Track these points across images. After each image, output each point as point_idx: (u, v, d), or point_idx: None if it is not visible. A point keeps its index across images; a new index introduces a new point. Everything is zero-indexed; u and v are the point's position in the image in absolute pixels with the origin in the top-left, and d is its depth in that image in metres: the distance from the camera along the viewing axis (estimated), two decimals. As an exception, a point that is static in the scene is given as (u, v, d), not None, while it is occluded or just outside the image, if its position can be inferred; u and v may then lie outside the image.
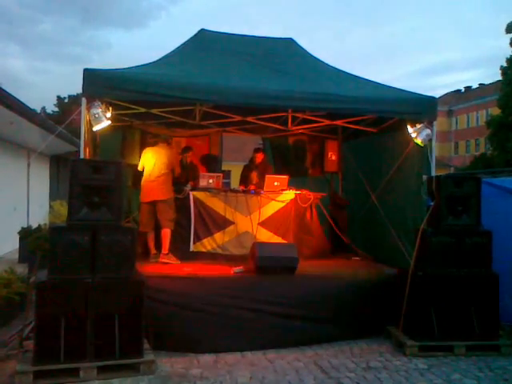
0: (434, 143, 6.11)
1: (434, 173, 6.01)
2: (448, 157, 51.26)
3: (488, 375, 4.65)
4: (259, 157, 8.20)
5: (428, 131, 5.98)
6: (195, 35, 7.06)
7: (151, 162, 6.78)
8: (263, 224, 7.36)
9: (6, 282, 5.89)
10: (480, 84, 54.79)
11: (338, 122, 7.72)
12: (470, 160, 38.53)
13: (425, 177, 5.99)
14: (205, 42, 6.86)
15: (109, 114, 5.52)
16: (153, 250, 6.71)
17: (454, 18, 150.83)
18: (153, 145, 7.13)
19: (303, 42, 7.54)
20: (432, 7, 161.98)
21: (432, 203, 5.66)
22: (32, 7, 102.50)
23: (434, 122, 6.06)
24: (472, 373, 4.69)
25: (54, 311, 4.25)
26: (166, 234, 6.62)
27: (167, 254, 6.56)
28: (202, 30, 7.15)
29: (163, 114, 7.26)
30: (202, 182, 7.25)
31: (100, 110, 5.30)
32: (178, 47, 6.78)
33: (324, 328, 5.50)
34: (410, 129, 6.14)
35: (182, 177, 7.28)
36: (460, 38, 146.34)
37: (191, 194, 7.11)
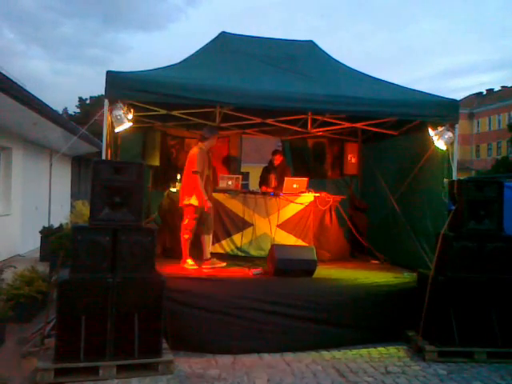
0: (456, 146, 6.04)
1: (455, 176, 5.95)
2: (469, 160, 50.62)
3: (510, 383, 4.56)
4: (278, 159, 8.21)
5: (450, 134, 5.92)
6: (216, 38, 7.10)
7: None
8: (282, 226, 7.37)
9: (28, 280, 5.98)
10: (502, 86, 54.02)
11: (358, 125, 7.68)
12: (492, 163, 37.97)
13: (446, 180, 5.93)
14: (225, 45, 6.89)
15: (130, 116, 5.59)
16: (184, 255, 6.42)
17: (476, 20, 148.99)
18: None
19: (323, 45, 7.55)
20: (453, 9, 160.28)
21: (453, 207, 5.59)
22: (54, 10, 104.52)
23: (456, 125, 6.00)
24: (493, 380, 4.60)
25: (75, 310, 4.30)
26: (182, 240, 6.41)
27: (186, 260, 6.35)
28: (223, 33, 7.19)
29: (184, 116, 7.31)
30: (221, 184, 7.29)
31: (122, 111, 5.38)
32: (198, 50, 6.83)
33: (342, 331, 5.45)
34: (431, 132, 6.08)
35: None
36: (481, 40, 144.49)
37: (210, 195, 7.14)
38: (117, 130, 5.52)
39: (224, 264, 6.42)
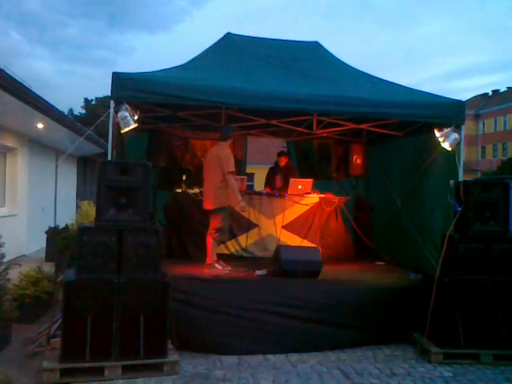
0: (462, 148, 6.02)
1: (461, 178, 5.92)
2: (475, 161, 50.43)
3: (516, 385, 4.55)
4: (283, 160, 8.21)
5: (456, 135, 5.90)
6: (221, 39, 7.11)
7: (205, 164, 6.52)
8: (287, 227, 7.36)
9: (34, 281, 6.01)
10: (508, 87, 53.78)
11: (364, 126, 7.66)
12: (497, 164, 37.78)
13: (452, 182, 5.90)
14: (231, 46, 6.90)
15: (136, 117, 5.59)
16: (208, 259, 6.39)
17: (481, 20, 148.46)
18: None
19: (327, 46, 7.54)
20: (458, 9, 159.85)
21: (459, 209, 5.57)
22: (60, 12, 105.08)
23: (462, 126, 5.98)
24: (499, 383, 4.59)
25: (81, 310, 4.32)
26: (208, 243, 6.36)
27: (210, 264, 6.29)
28: (228, 34, 7.19)
29: (189, 117, 7.32)
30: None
31: (127, 112, 5.38)
32: (204, 51, 6.83)
33: (347, 333, 5.44)
34: (437, 133, 6.06)
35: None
36: (487, 41, 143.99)
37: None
38: (122, 130, 5.53)
39: (229, 268, 6.37)
